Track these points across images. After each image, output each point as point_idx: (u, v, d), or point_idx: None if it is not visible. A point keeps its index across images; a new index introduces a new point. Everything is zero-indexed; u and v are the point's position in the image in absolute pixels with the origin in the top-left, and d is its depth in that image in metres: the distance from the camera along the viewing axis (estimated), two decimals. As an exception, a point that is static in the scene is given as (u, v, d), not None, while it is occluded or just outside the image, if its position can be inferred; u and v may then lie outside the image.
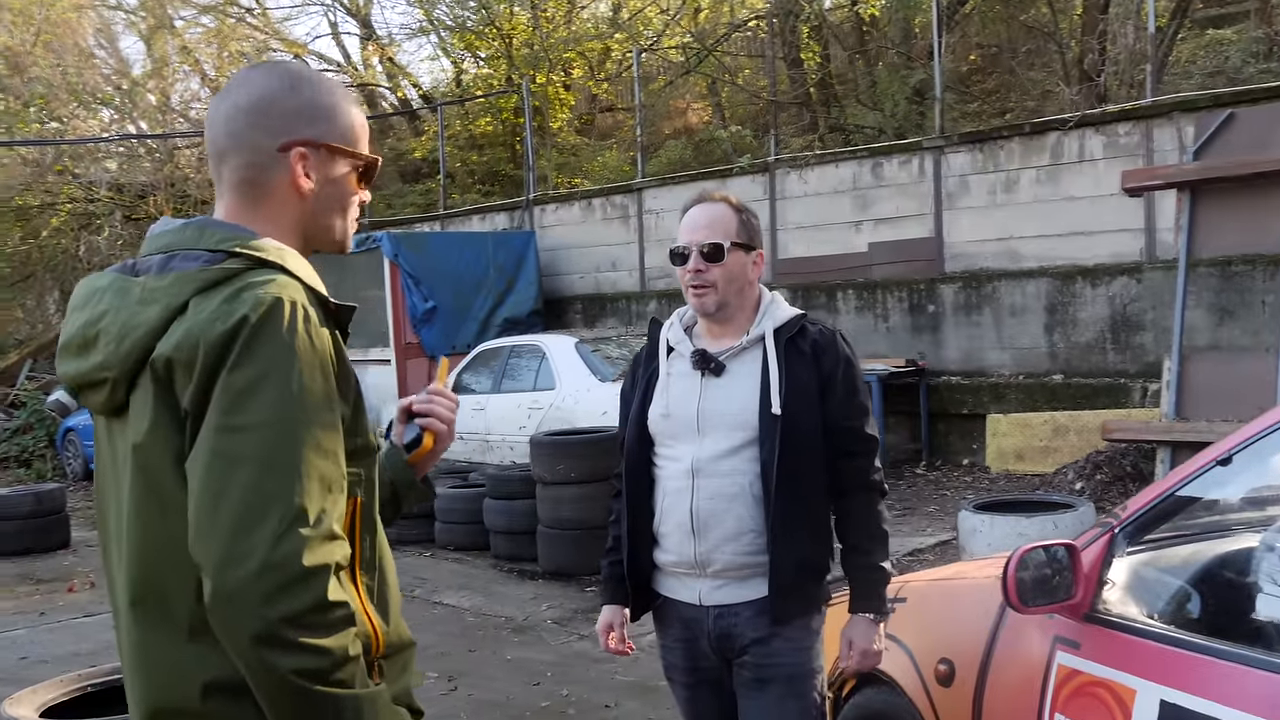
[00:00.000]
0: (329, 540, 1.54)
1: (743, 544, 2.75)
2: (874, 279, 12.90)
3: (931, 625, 3.44)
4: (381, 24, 26.79)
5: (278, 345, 1.55)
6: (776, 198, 13.88)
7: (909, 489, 10.83)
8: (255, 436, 1.52)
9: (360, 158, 1.84)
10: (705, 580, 2.80)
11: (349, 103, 1.85)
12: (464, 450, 12.29)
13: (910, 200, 12.69)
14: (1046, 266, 11.62)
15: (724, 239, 2.81)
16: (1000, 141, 12.07)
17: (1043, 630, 2.95)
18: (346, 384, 1.68)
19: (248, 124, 1.75)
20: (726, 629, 2.79)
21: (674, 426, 2.84)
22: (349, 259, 15.30)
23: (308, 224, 1.81)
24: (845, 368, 2.82)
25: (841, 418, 2.80)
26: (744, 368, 2.83)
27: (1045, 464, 10.48)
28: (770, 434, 2.71)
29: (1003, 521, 6.50)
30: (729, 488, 2.75)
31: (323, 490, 1.55)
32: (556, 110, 19.78)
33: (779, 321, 2.85)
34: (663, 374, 2.91)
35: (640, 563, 2.90)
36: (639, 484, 2.89)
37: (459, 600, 7.89)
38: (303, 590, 1.48)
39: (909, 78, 15.19)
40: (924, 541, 8.44)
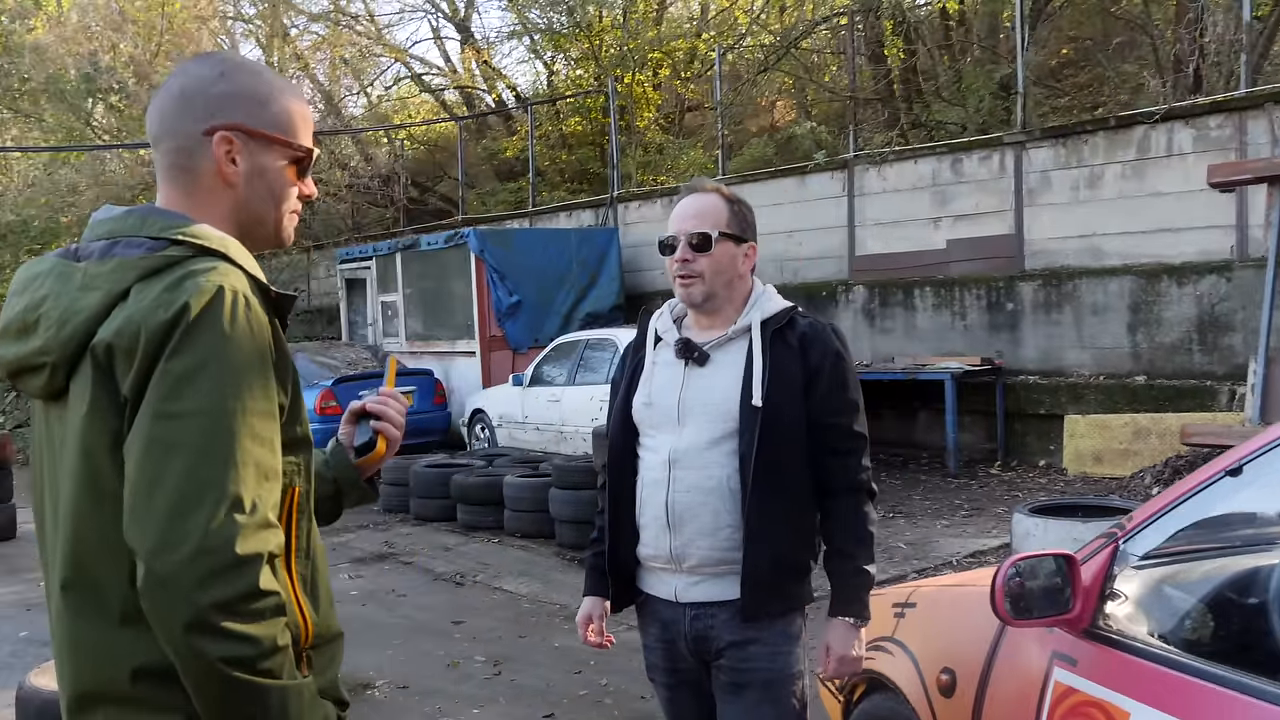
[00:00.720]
0: (263, 528, 1.55)
1: (719, 539, 2.70)
2: (952, 276, 12.75)
3: (937, 633, 3.41)
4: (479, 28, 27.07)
5: (217, 334, 1.56)
6: (855, 194, 13.78)
7: (980, 489, 10.70)
8: (192, 424, 1.53)
9: (291, 147, 1.82)
10: (681, 576, 2.76)
11: (287, 93, 1.84)
12: (539, 440, 12.47)
13: (990, 196, 12.51)
14: (1131, 264, 11.37)
15: (712, 229, 2.76)
16: (1084, 136, 11.84)
17: (1042, 645, 2.87)
18: (286, 373, 1.68)
19: (176, 109, 1.76)
20: (703, 630, 2.75)
21: (655, 416, 2.80)
22: (437, 254, 15.62)
23: (240, 214, 1.79)
24: (834, 361, 2.75)
25: (827, 413, 2.73)
26: (728, 358, 2.77)
27: (1124, 467, 10.26)
28: (750, 426, 2.65)
29: (1057, 525, 6.37)
30: (706, 480, 2.70)
31: (259, 478, 1.56)
32: (643, 109, 19.84)
33: (767, 313, 2.78)
34: (648, 363, 2.87)
35: (621, 555, 2.86)
36: (622, 474, 2.86)
37: (517, 587, 8.02)
38: (235, 577, 1.49)
39: (995, 72, 14.95)
40: (987, 543, 8.34)
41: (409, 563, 8.95)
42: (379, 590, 8.06)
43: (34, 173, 21.55)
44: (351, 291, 18.02)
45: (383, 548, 9.53)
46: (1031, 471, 11.34)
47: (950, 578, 4.29)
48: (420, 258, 16.18)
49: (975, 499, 10.24)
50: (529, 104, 21.77)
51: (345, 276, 18.05)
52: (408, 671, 6.15)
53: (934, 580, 3.99)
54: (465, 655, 6.39)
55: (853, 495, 2.78)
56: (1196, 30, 12.91)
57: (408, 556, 9.15)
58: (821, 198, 14.12)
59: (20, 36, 19.71)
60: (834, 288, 13.82)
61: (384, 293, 16.87)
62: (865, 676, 3.62)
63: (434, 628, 7.03)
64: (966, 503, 10.09)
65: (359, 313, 17.87)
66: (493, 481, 9.99)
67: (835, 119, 17.36)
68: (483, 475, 10.24)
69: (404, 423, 2.10)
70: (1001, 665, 3.06)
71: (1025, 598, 2.82)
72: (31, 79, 19.19)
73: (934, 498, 10.42)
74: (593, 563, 3.00)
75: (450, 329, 15.69)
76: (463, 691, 5.81)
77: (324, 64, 25.06)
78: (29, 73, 19.23)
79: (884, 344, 13.23)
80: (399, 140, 24.75)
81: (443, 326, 15.88)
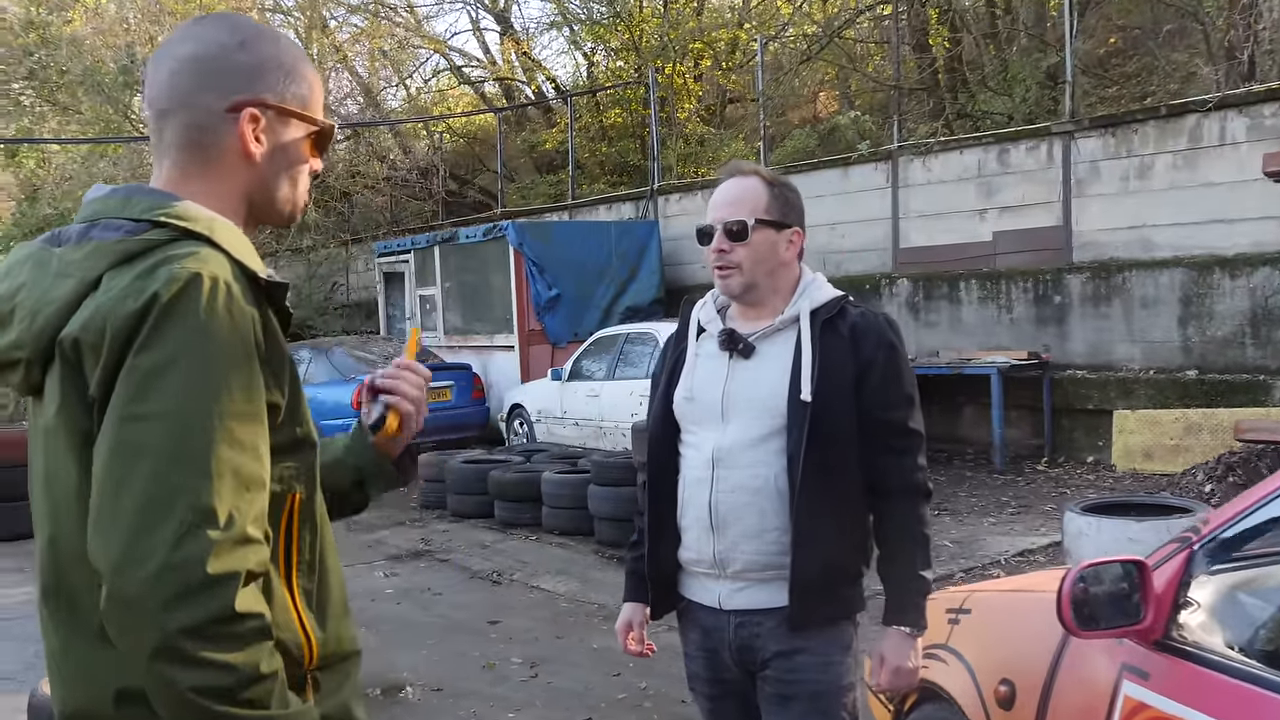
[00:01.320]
0: (240, 544, 1.39)
1: (765, 542, 2.53)
2: (998, 269, 12.51)
3: (995, 641, 3.25)
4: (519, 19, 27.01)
5: (191, 326, 1.41)
6: (899, 186, 13.56)
7: (1027, 486, 10.48)
8: (161, 426, 1.38)
9: (316, 123, 1.70)
10: (725, 582, 2.60)
11: (306, 63, 1.71)
12: (578, 436, 12.36)
13: (1037, 187, 12.25)
14: (1182, 256, 11.09)
15: (749, 216, 2.59)
16: (1134, 125, 11.56)
17: (1110, 656, 2.71)
18: (280, 369, 1.53)
19: (193, 82, 1.61)
20: (748, 639, 2.59)
21: (698, 411, 2.64)
22: (475, 247, 15.54)
23: (254, 192, 1.66)
24: (887, 353, 2.58)
25: (880, 407, 2.56)
26: (775, 350, 2.61)
27: (1175, 464, 10.01)
28: (798, 422, 2.49)
29: (1111, 525, 6.17)
30: (752, 480, 2.54)
31: (237, 488, 1.41)
32: (683, 100, 19.68)
33: (816, 303, 2.62)
34: (690, 355, 2.71)
35: (661, 559, 2.70)
36: (663, 473, 2.70)
37: (555, 585, 7.90)
38: (206, 599, 1.35)
39: (1042, 62, 14.68)
40: (1035, 542, 8.13)
41: (445, 560, 8.85)
42: (414, 588, 7.96)
43: (72, 166, 21.64)
44: (390, 285, 17.98)
45: (419, 545, 9.43)
46: (1080, 468, 11.10)
47: (1007, 582, 4.11)
48: (458, 251, 16.11)
49: (1022, 496, 10.02)
50: (568, 95, 21.67)
51: (383, 270, 18.02)
52: (442, 672, 6.04)
53: (989, 584, 3.81)
54: (501, 656, 6.27)
55: (907, 496, 2.61)
56: (1251, 16, 12.59)
57: (444, 554, 9.05)
58: (865, 189, 13.90)
59: (58, 29, 19.82)
60: (877, 281, 13.60)
61: (422, 286, 16.81)
62: (918, 686, 3.46)
63: (470, 627, 6.92)
64: (1013, 500, 9.87)
65: (397, 306, 17.82)
66: (531, 478, 9.87)
67: (879, 109, 17.16)
68: (521, 471, 10.13)
69: (422, 396, 1.92)
70: (1065, 677, 2.89)
71: (1092, 606, 2.66)
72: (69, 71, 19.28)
73: (980, 495, 10.21)
74: (632, 566, 2.85)
75: (489, 323, 15.61)
76: (498, 694, 5.69)
77: (363, 56, 25.04)
78: (67, 65, 19.32)
79: (928, 338, 13.01)
80: (438, 133, 24.72)
81: (481, 320, 15.80)
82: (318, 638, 1.59)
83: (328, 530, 1.71)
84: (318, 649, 1.59)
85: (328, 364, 14.32)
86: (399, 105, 26.05)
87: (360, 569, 8.61)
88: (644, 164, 18.72)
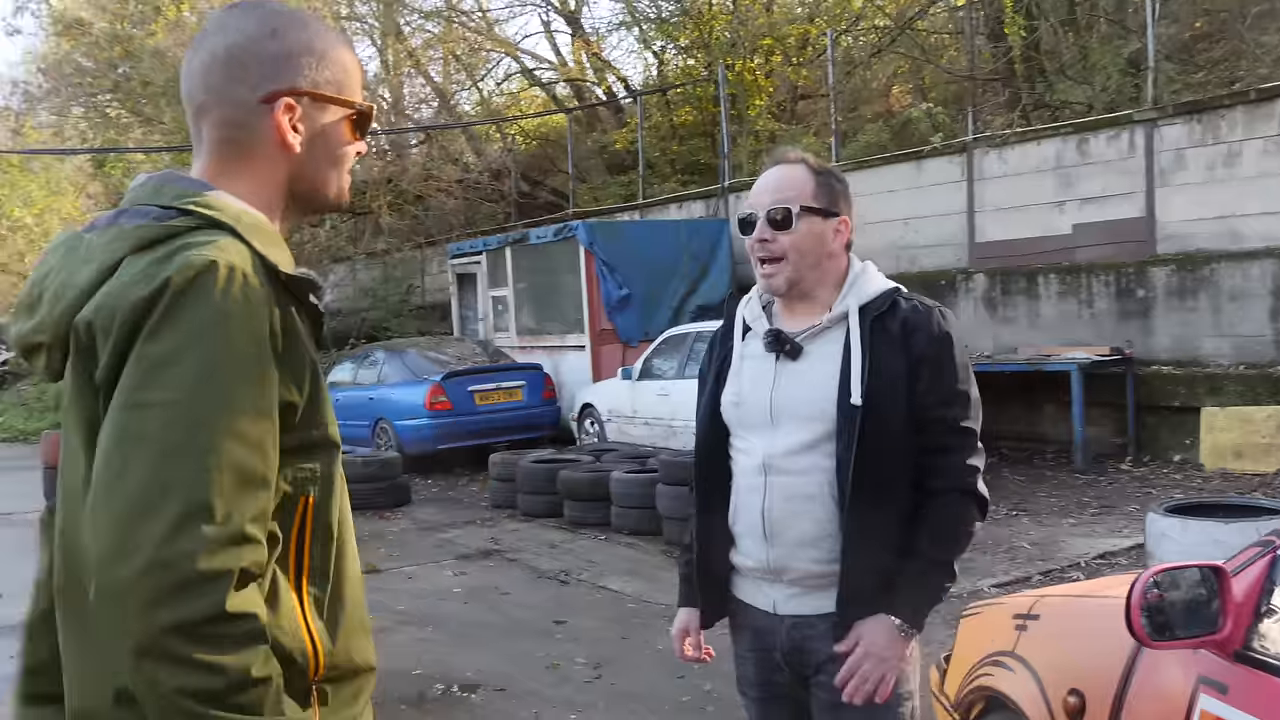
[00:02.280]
0: (237, 543, 1.34)
1: (821, 551, 2.44)
2: (1078, 262, 12.18)
3: (1064, 649, 3.10)
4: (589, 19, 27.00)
5: (203, 315, 1.37)
6: (975, 179, 13.27)
7: (1110, 486, 10.18)
8: (164, 415, 1.34)
9: (353, 106, 1.66)
10: (780, 588, 2.52)
11: (340, 45, 1.67)
12: (648, 435, 12.28)
13: (1119, 178, 11.91)
14: (1273, 247, 10.70)
15: (794, 203, 2.46)
16: (1221, 111, 11.19)
17: (1186, 667, 2.56)
18: (299, 367, 1.48)
19: (225, 75, 1.58)
20: (800, 642, 2.50)
21: (746, 415, 2.53)
22: (546, 247, 15.55)
23: (297, 181, 1.63)
24: (941, 348, 2.43)
25: (932, 405, 2.41)
26: (823, 350, 2.48)
27: (1267, 463, 9.67)
28: (849, 427, 2.37)
29: (1197, 526, 5.90)
30: (805, 487, 2.43)
31: (237, 484, 1.35)
32: (754, 97, 19.51)
33: (865, 297, 2.48)
34: (736, 356, 2.60)
35: (713, 563, 2.62)
36: (714, 476, 2.60)
37: (622, 585, 7.82)
38: (195, 597, 1.29)
39: (1123, 48, 14.27)
40: (1118, 544, 7.87)
41: (514, 560, 8.81)
42: (482, 588, 7.93)
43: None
44: (462, 286, 18.06)
45: (488, 544, 9.41)
46: (1165, 467, 10.76)
47: (1078, 586, 3.94)
48: (530, 251, 16.12)
49: (1104, 496, 9.73)
50: (638, 94, 21.60)
51: (456, 271, 18.10)
52: (507, 672, 5.99)
53: (1059, 589, 3.64)
54: (566, 656, 6.20)
55: (953, 496, 2.44)
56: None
57: (513, 553, 9.02)
58: (939, 183, 13.64)
59: (141, 41, 20.17)
60: (953, 276, 13.33)
61: (494, 287, 16.84)
62: (983, 694, 3.32)
63: (535, 627, 6.86)
64: (1095, 500, 9.59)
65: (470, 308, 17.89)
66: (600, 477, 9.82)
67: (953, 102, 16.84)
68: (590, 471, 10.09)
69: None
70: (1138, 688, 2.74)
71: (1166, 614, 2.50)
72: (152, 83, 19.61)
73: (1060, 495, 9.93)
74: (686, 571, 2.75)
75: (560, 323, 15.60)
76: (561, 695, 5.62)
77: (438, 62, 25.19)
78: (150, 76, 19.66)
79: (1006, 334, 12.71)
80: (510, 135, 24.78)
81: (553, 320, 15.79)
82: (325, 648, 1.53)
83: (349, 538, 1.65)
84: (325, 660, 1.52)
85: (401, 365, 14.45)
86: (471, 109, 26.18)
87: (429, 568, 8.62)
88: (714, 162, 18.60)
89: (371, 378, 14.81)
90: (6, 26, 47.28)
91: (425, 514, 11.11)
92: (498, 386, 13.86)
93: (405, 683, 5.86)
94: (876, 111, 19.09)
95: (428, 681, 5.87)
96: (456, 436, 13.44)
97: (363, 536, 9.47)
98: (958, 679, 3.48)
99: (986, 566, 7.55)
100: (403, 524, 10.65)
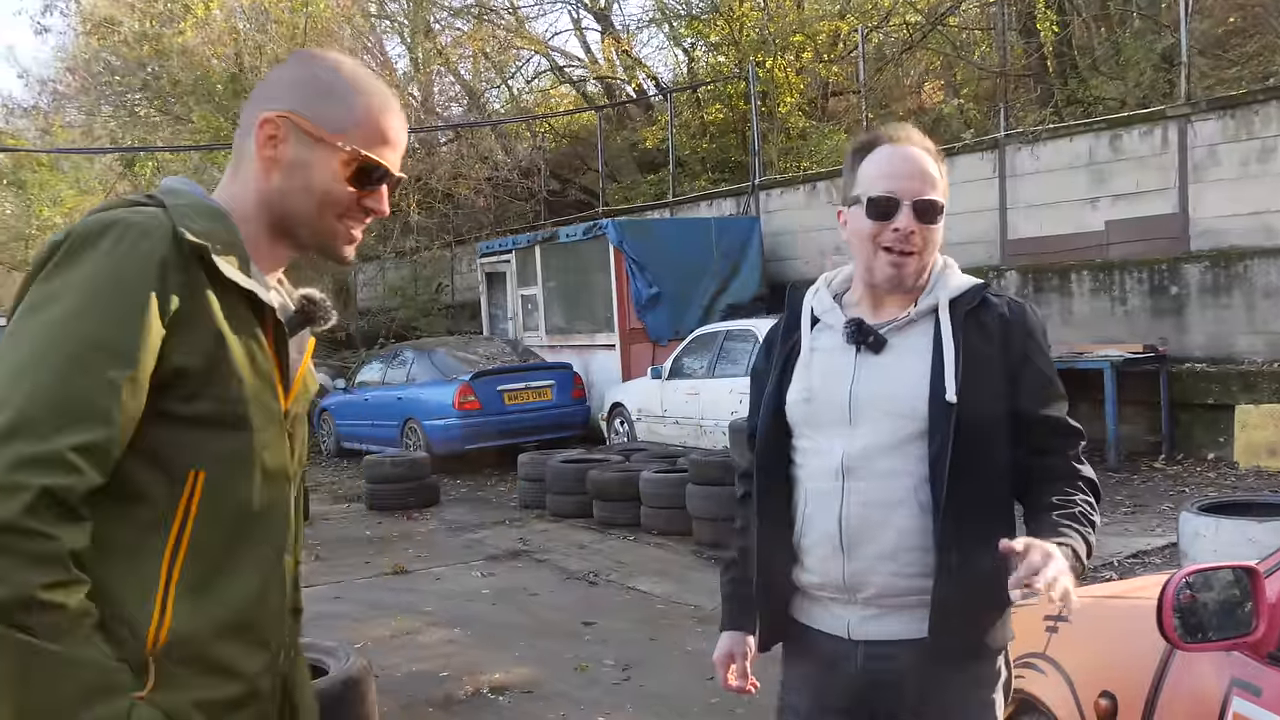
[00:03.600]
0: (47, 464, 1.37)
1: (904, 563, 2.19)
2: (1111, 259, 12.07)
3: (1095, 651, 3.06)
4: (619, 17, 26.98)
5: (87, 262, 1.47)
6: (1006, 175, 13.18)
7: (1143, 484, 10.09)
8: (24, 342, 1.43)
9: (341, 150, 1.66)
10: (855, 609, 2.24)
11: (366, 95, 1.68)
12: (678, 434, 12.26)
13: (1152, 174, 11.79)
14: (1308, 243, 10.57)
15: (940, 195, 2.26)
16: (1255, 106, 11.06)
17: (1219, 669, 2.53)
18: (200, 336, 1.52)
19: (254, 94, 1.73)
20: (879, 673, 2.23)
21: (818, 413, 2.28)
22: (576, 246, 15.54)
23: (275, 203, 1.68)
24: (1040, 346, 2.26)
25: (1037, 406, 2.22)
26: (911, 343, 2.25)
27: (1303, 461, 9.54)
28: (942, 425, 2.15)
29: (1230, 525, 5.84)
30: (890, 491, 2.19)
31: (70, 411, 1.40)
32: (784, 94, 19.44)
33: (956, 290, 2.28)
34: (805, 349, 2.34)
35: (775, 582, 2.34)
36: (775, 485, 2.33)
37: (652, 586, 7.79)
38: None
39: (1156, 44, 14.16)
40: (1152, 543, 7.78)
41: (543, 560, 8.81)
42: (510, 588, 7.93)
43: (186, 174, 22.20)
44: (492, 285, 18.09)
45: (517, 545, 9.42)
46: (1199, 465, 10.65)
47: (1109, 587, 3.89)
48: (559, 250, 16.12)
49: (1138, 495, 9.64)
50: (669, 92, 21.57)
51: (485, 270, 18.13)
52: (534, 674, 5.98)
53: (1091, 589, 3.58)
54: (594, 658, 6.19)
55: (1076, 485, 2.19)
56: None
57: (541, 554, 9.02)
58: (970, 179, 13.53)
59: (170, 40, 20.30)
60: (985, 273, 13.19)
61: (524, 286, 16.86)
62: (1015, 697, 3.28)
63: (564, 628, 6.85)
64: (1128, 499, 9.50)
65: (499, 306, 17.91)
66: (629, 477, 9.80)
67: (985, 98, 16.74)
68: (619, 471, 10.06)
69: None
70: (1171, 691, 2.70)
71: (1199, 615, 2.47)
72: (181, 81, 19.75)
73: (1093, 493, 9.83)
74: (730, 590, 2.50)
75: (590, 322, 15.60)
76: (589, 696, 5.60)
77: (467, 60, 25.24)
78: (179, 75, 19.79)
79: (1038, 332, 12.58)
80: (540, 133, 24.80)
81: (582, 319, 15.79)
82: (172, 623, 1.51)
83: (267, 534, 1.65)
84: (166, 635, 1.51)
85: (430, 364, 14.48)
86: (501, 107, 26.22)
87: (458, 569, 8.64)
88: (745, 159, 18.54)
89: (400, 377, 14.86)
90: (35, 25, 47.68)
91: (454, 514, 11.13)
92: (527, 386, 13.87)
93: (433, 684, 5.87)
94: (908, 108, 19.00)
95: (455, 683, 5.87)
96: (485, 436, 13.46)
97: (391, 537, 9.47)
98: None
99: (1018, 566, 7.48)
100: (431, 524, 10.67)
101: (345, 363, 18.40)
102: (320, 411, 16.32)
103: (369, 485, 11.67)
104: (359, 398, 15.43)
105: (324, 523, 10.95)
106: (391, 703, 5.47)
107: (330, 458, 15.93)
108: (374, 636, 6.78)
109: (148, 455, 1.49)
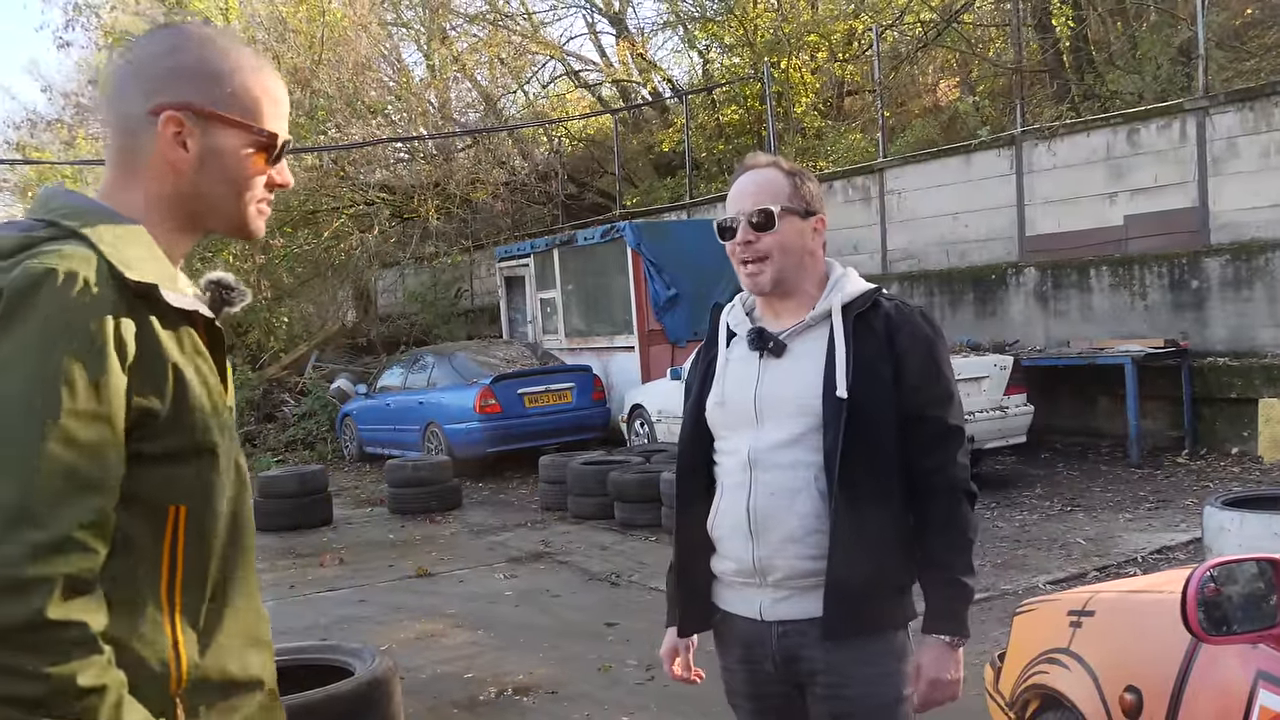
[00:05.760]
0: (61, 550, 1.34)
1: (808, 547, 2.40)
2: (1130, 254, 12.02)
3: (1120, 646, 3.05)
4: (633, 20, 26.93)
5: (35, 321, 1.38)
6: (1024, 172, 13.14)
7: (1166, 479, 10.04)
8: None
9: (251, 130, 1.62)
10: (766, 591, 2.47)
11: (251, 70, 1.64)
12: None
13: (1170, 168, 11.75)
14: (1330, 234, 10.51)
15: (773, 204, 2.47)
16: (1274, 99, 11.01)
17: (1245, 662, 2.52)
18: (158, 374, 1.47)
19: (121, 86, 1.60)
20: (792, 650, 2.45)
21: (730, 416, 2.53)
22: (594, 249, 15.55)
23: (189, 199, 1.62)
24: (924, 348, 2.46)
25: (918, 405, 2.44)
26: (807, 347, 2.49)
27: (1327, 454, 9.49)
28: (834, 419, 2.37)
29: (1255, 519, 5.80)
30: (791, 481, 2.42)
31: (66, 490, 1.36)
32: (800, 95, 19.44)
33: (849, 296, 2.49)
34: (721, 360, 2.60)
35: (694, 572, 2.58)
36: (695, 483, 2.60)
37: (673, 588, 7.78)
38: (13, 603, 1.30)
39: (1172, 37, 14.10)
40: (1175, 538, 7.76)
41: (565, 562, 8.83)
42: (533, 590, 7.96)
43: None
44: (511, 289, 18.12)
45: (539, 547, 9.44)
46: (1223, 460, 10.59)
47: (1133, 581, 3.88)
48: (577, 253, 16.15)
49: (1161, 490, 9.60)
50: (684, 94, 21.59)
51: (504, 274, 18.16)
52: (558, 675, 6.00)
53: (1115, 584, 3.58)
54: (617, 659, 6.21)
55: (950, 497, 2.46)
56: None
57: (564, 556, 9.04)
58: (988, 177, 13.52)
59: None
60: (1003, 270, 13.20)
61: (542, 289, 16.89)
62: (1039, 692, 3.28)
63: (587, 630, 6.87)
64: (1151, 494, 9.46)
65: (519, 310, 17.95)
66: (649, 478, 9.80)
67: (1001, 95, 16.70)
68: (640, 472, 10.07)
69: None
70: (1196, 685, 2.69)
71: (1224, 609, 2.47)
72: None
73: (1115, 489, 9.81)
74: (672, 590, 2.72)
75: (609, 324, 15.61)
76: (612, 697, 5.62)
77: (483, 66, 25.30)
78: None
79: (1058, 328, 12.57)
80: (556, 137, 24.84)
81: (601, 322, 15.80)
82: (191, 659, 1.52)
83: (244, 545, 1.65)
84: (189, 671, 1.52)
85: (451, 368, 14.53)
86: (517, 112, 26.27)
87: (481, 571, 8.67)
88: (762, 160, 18.53)
89: (421, 382, 14.91)
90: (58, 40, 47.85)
91: (476, 517, 11.16)
92: (547, 389, 13.89)
93: (457, 686, 5.89)
94: (924, 106, 18.98)
95: (479, 685, 5.89)
96: (506, 439, 13.49)
97: (414, 540, 9.49)
98: (1012, 677, 3.44)
99: (1041, 563, 7.47)
100: (454, 527, 10.71)
101: (367, 368, 18.48)
102: (343, 417, 16.42)
103: (391, 489, 11.73)
104: (381, 403, 15.48)
105: (347, 527, 11.02)
106: (417, 704, 5.50)
107: (353, 462, 16.01)
108: (398, 639, 6.81)
109: (127, 500, 1.45)
